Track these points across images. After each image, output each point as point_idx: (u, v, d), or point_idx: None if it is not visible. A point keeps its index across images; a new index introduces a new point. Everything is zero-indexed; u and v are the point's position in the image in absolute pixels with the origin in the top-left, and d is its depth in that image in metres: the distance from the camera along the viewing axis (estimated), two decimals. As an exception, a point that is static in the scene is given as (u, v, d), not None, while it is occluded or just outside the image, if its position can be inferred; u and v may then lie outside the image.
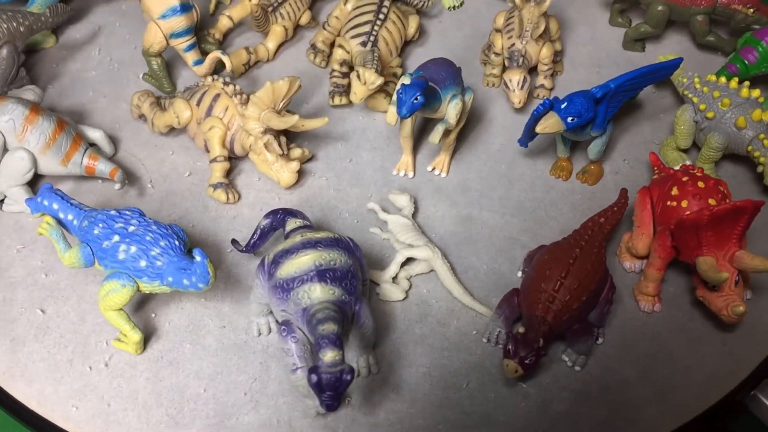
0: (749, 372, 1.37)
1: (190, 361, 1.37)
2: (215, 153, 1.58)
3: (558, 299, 1.29)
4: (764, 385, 1.36)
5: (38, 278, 1.47)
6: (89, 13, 1.98)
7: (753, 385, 1.36)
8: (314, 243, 1.27)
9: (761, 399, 1.35)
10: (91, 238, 1.31)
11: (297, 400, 1.32)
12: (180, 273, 1.27)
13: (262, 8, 1.81)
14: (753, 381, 1.36)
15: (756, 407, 1.37)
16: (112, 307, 1.31)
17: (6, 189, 1.53)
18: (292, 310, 1.24)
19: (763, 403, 1.35)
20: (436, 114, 1.52)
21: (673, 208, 1.41)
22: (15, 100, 1.50)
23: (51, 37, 1.89)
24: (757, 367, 1.37)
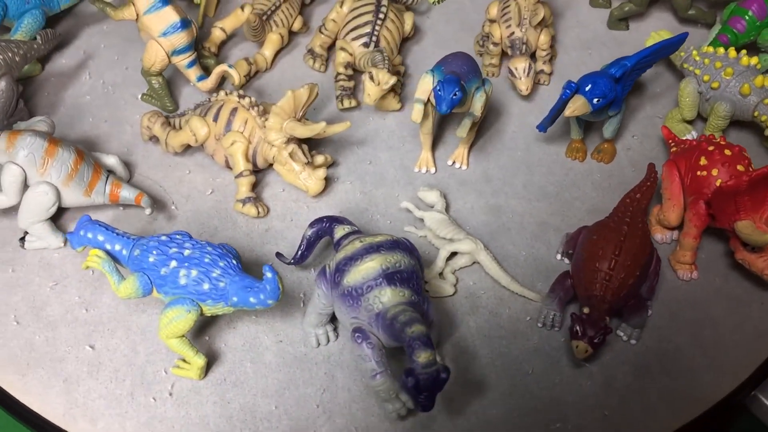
0: (750, 372, 1.37)
1: (254, 380, 1.35)
2: (240, 168, 1.56)
3: (614, 277, 1.33)
4: (764, 386, 1.36)
5: (79, 314, 1.43)
6: (72, 36, 1.92)
7: (753, 386, 1.36)
8: (376, 247, 1.27)
9: (761, 399, 1.36)
10: (147, 266, 1.28)
11: (371, 406, 1.32)
12: (245, 291, 1.25)
13: (258, 17, 1.79)
14: (753, 381, 1.36)
15: (756, 408, 1.37)
16: (176, 334, 1.28)
17: (29, 225, 1.48)
18: (364, 316, 1.24)
19: (764, 404, 1.36)
20: (462, 108, 1.53)
21: (703, 177, 1.46)
22: (32, 133, 1.45)
23: (37, 65, 1.83)
24: (758, 368, 1.38)
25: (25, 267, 1.49)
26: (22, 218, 1.46)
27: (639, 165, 1.69)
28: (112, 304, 1.44)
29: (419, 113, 1.55)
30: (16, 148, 1.42)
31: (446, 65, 1.52)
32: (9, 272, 1.48)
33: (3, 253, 1.51)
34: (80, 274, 1.48)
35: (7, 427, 1.40)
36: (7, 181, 1.43)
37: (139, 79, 1.82)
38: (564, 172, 1.68)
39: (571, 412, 1.33)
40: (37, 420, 1.30)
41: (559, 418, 1.32)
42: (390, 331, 1.20)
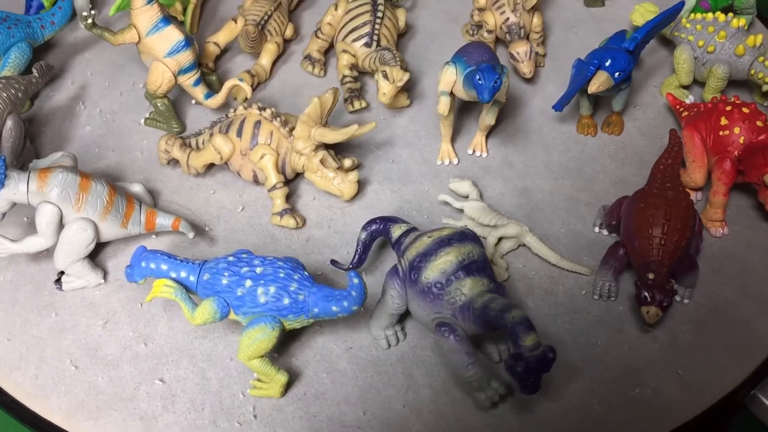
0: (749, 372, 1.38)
1: (334, 390, 1.34)
2: (273, 180, 1.53)
3: (668, 241, 1.37)
4: (764, 385, 1.36)
5: (138, 349, 1.38)
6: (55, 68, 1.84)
7: (753, 385, 1.36)
8: (448, 240, 1.28)
9: (761, 399, 1.36)
10: (221, 288, 1.25)
11: (457, 398, 1.33)
12: (327, 301, 1.24)
13: (256, 27, 1.76)
14: (753, 381, 1.36)
15: (755, 407, 1.37)
16: (260, 354, 1.26)
17: (67, 265, 1.42)
18: (447, 310, 1.25)
19: (763, 403, 1.36)
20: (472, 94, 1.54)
21: (726, 136, 1.53)
22: (62, 169, 1.39)
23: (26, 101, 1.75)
24: (758, 367, 1.38)
25: (69, 309, 1.43)
26: (60, 258, 1.40)
27: (648, 134, 1.75)
28: (170, 335, 1.40)
29: (446, 105, 1.56)
30: (49, 187, 1.37)
31: (467, 56, 1.54)
32: (53, 317, 1.42)
33: (40, 298, 1.45)
34: (128, 309, 1.43)
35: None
36: (43, 221, 1.37)
37: (136, 104, 1.78)
38: (579, 148, 1.72)
39: (646, 376, 1.36)
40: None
41: (637, 384, 1.35)
42: (481, 320, 1.21)
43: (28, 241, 1.39)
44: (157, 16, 1.59)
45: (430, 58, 1.89)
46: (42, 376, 1.35)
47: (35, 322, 1.41)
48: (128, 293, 1.45)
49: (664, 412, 1.32)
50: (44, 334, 1.40)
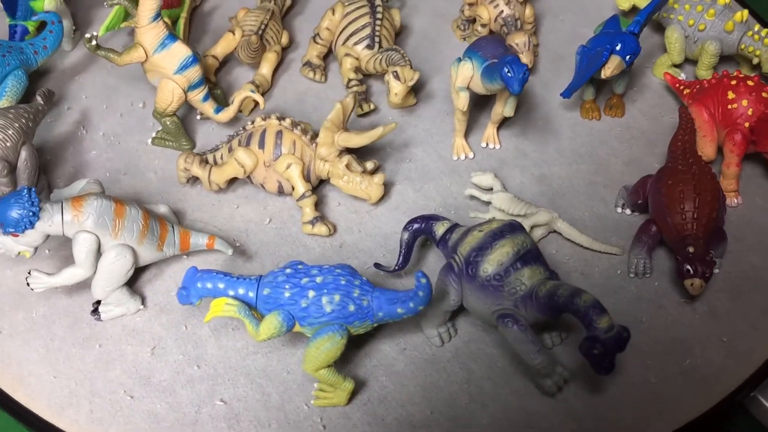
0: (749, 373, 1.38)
1: (397, 392, 1.34)
2: (301, 190, 1.52)
3: (701, 214, 1.42)
4: (764, 387, 1.37)
5: (191, 372, 1.36)
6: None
7: (752, 387, 1.37)
8: (500, 232, 1.30)
9: (761, 400, 1.37)
10: (284, 302, 1.24)
11: (519, 387, 1.34)
12: (391, 304, 1.25)
13: (258, 37, 1.75)
14: (753, 382, 1.37)
15: (755, 408, 1.39)
16: (328, 363, 1.25)
17: (106, 294, 1.38)
18: (509, 301, 1.27)
19: (762, 404, 1.37)
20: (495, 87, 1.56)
21: (734, 109, 1.59)
22: (96, 196, 1.36)
23: (24, 129, 1.69)
24: (758, 369, 1.38)
25: (112, 339, 1.39)
26: (99, 287, 1.37)
27: (649, 113, 1.80)
28: (221, 355, 1.38)
29: (466, 101, 1.57)
30: (85, 215, 1.33)
31: (482, 50, 1.55)
32: (96, 348, 1.38)
33: (79, 331, 1.40)
34: (173, 333, 1.40)
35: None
36: (82, 251, 1.33)
37: (138, 124, 1.74)
38: (587, 132, 1.76)
39: (693, 346, 1.41)
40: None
41: (686, 355, 1.40)
42: (547, 308, 1.23)
43: (67, 272, 1.35)
44: (164, 33, 1.56)
45: (423, 56, 1.90)
46: (97, 410, 1.31)
47: (79, 356, 1.37)
48: (170, 317, 1.42)
49: (715, 379, 1.37)
50: (90, 366, 1.36)
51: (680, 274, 1.39)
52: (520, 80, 1.42)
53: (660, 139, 1.74)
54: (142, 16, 1.54)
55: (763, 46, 1.74)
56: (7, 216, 1.28)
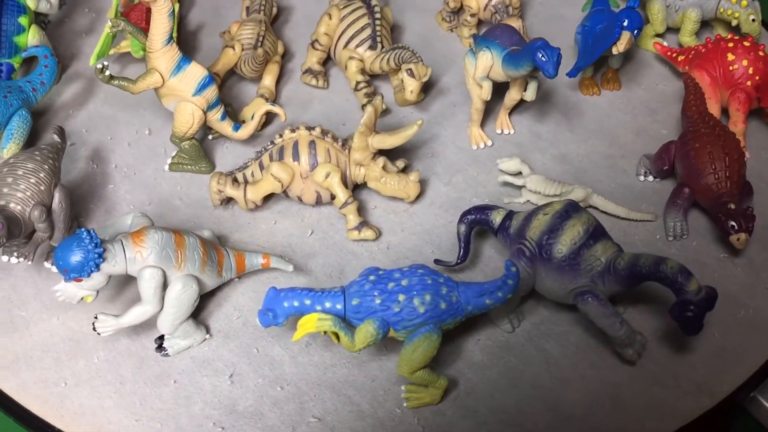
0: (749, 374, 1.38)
1: (482, 382, 1.36)
2: (343, 197, 1.52)
3: (732, 171, 1.50)
4: (764, 387, 1.37)
5: (275, 394, 1.34)
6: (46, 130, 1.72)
7: (752, 387, 1.37)
8: (565, 213, 1.33)
9: (760, 400, 1.37)
10: (376, 308, 1.24)
11: (595, 361, 1.38)
12: (479, 296, 1.26)
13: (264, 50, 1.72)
14: (752, 383, 1.37)
15: (755, 409, 1.38)
16: (424, 363, 1.26)
17: (175, 328, 1.34)
18: (585, 278, 1.30)
19: (762, 405, 1.36)
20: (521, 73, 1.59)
21: (736, 70, 1.67)
22: (155, 229, 1.32)
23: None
24: (757, 370, 1.38)
25: (185, 373, 1.36)
26: (168, 322, 1.33)
27: (643, 83, 1.88)
28: (300, 372, 1.36)
29: (490, 90, 1.60)
30: (147, 250, 1.29)
31: (499, 39, 1.58)
32: (172, 385, 1.34)
33: (149, 370, 1.36)
34: (246, 357, 1.38)
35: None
36: (150, 288, 1.29)
37: (149, 152, 1.70)
38: (591, 108, 1.82)
39: (742, 298, 1.48)
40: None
41: (738, 306, 1.46)
42: (628, 279, 1.27)
43: (134, 311, 1.31)
44: (178, 55, 1.52)
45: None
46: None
47: (155, 395, 1.33)
48: (237, 342, 1.40)
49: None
50: (171, 404, 1.32)
51: (725, 231, 1.46)
52: (554, 63, 1.45)
53: (660, 107, 1.81)
54: (154, 40, 1.49)
55: (740, 8, 1.84)
56: (71, 262, 1.23)
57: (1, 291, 1.46)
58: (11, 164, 1.39)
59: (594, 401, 1.33)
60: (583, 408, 1.33)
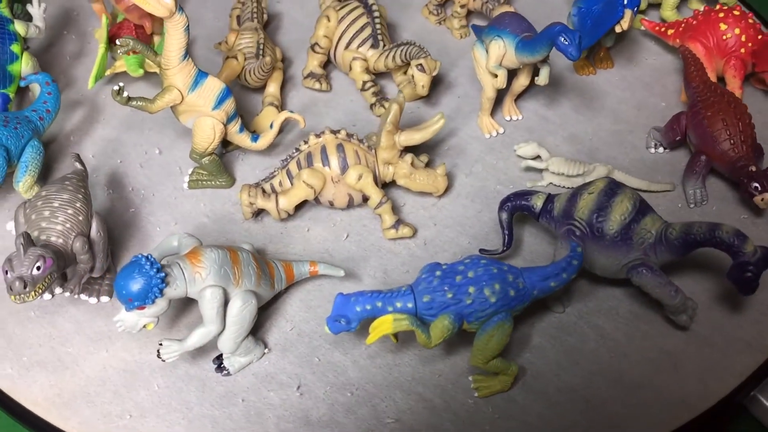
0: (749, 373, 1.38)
1: (545, 364, 1.38)
2: (376, 198, 1.52)
3: (746, 135, 1.56)
4: (764, 387, 1.37)
5: (346, 401, 1.33)
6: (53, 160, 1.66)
7: (752, 386, 1.36)
8: (610, 190, 1.37)
9: (761, 400, 1.37)
10: (448, 303, 1.24)
11: (646, 331, 1.42)
12: (544, 280, 1.29)
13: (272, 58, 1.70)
14: (752, 382, 1.37)
15: (755, 408, 1.38)
16: (498, 352, 1.27)
17: (237, 345, 1.32)
18: (638, 252, 1.34)
19: (763, 404, 1.36)
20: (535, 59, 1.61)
21: (729, 39, 1.74)
22: (210, 248, 1.29)
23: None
24: (758, 368, 1.38)
25: (251, 390, 1.34)
26: (230, 341, 1.30)
27: (634, 59, 1.93)
28: (365, 376, 1.36)
29: (505, 77, 1.62)
30: (206, 270, 1.26)
31: (509, 26, 1.60)
32: (240, 404, 1.32)
33: (213, 391, 1.34)
34: (308, 368, 1.37)
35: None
36: (212, 308, 1.26)
37: (163, 171, 1.66)
38: (589, 88, 1.86)
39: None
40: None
41: (767, 264, 1.53)
42: (683, 247, 1.31)
43: (198, 333, 1.28)
44: (194, 70, 1.49)
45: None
46: (274, 463, 1.26)
47: (225, 416, 1.31)
48: (296, 353, 1.39)
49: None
50: (243, 423, 1.30)
51: (748, 193, 1.52)
52: (577, 46, 1.48)
53: (654, 81, 1.87)
54: (171, 56, 1.46)
55: (719, -23, 1.91)
56: (134, 290, 1.19)
57: (41, 329, 1.41)
58: (44, 197, 1.34)
59: (654, 369, 1.37)
60: (644, 376, 1.36)
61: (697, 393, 1.34)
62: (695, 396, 1.34)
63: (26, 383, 1.35)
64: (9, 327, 1.42)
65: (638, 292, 1.44)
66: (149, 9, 1.39)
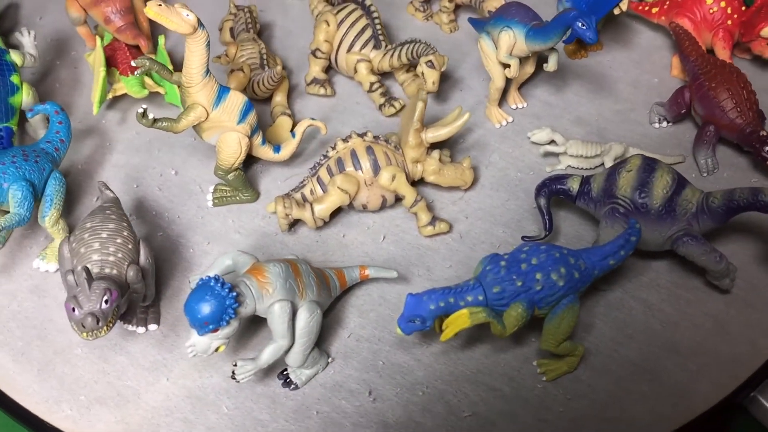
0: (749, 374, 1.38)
1: (600, 340, 1.41)
2: (411, 196, 1.52)
3: (750, 101, 1.63)
4: (764, 387, 1.37)
5: (418, 400, 1.34)
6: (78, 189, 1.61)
7: (753, 387, 1.37)
8: (648, 166, 1.41)
9: (761, 400, 1.36)
10: (519, 291, 1.26)
11: (689, 299, 1.46)
12: (603, 259, 1.32)
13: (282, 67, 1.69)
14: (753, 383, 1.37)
15: (755, 409, 1.37)
16: (569, 333, 1.30)
17: (305, 358, 1.31)
18: (682, 222, 1.39)
19: (762, 405, 1.36)
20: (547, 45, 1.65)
21: (715, 12, 1.81)
22: (272, 263, 1.28)
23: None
24: (758, 369, 1.39)
25: (322, 401, 1.34)
26: (300, 354, 1.29)
27: (621, 39, 1.98)
28: (432, 374, 1.37)
29: (518, 66, 1.65)
30: (272, 285, 1.25)
31: (517, 16, 1.62)
32: (314, 416, 1.32)
33: (283, 407, 1.33)
34: (374, 372, 1.37)
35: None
36: (283, 322, 1.25)
37: (183, 192, 1.64)
38: (585, 71, 1.91)
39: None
40: None
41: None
42: (725, 214, 1.37)
43: (270, 350, 1.26)
44: (216, 85, 1.47)
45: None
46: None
47: (302, 430, 1.30)
48: (359, 358, 1.39)
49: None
50: (322, 436, 1.29)
51: (761, 157, 1.59)
52: (594, 29, 1.52)
53: (642, 59, 1.93)
54: (193, 73, 1.43)
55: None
56: (208, 313, 1.17)
57: (92, 365, 1.37)
58: (90, 229, 1.30)
59: (703, 333, 1.42)
60: (696, 341, 1.41)
61: (747, 352, 1.40)
62: (746, 355, 1.39)
63: (89, 422, 1.31)
64: (57, 368, 1.37)
65: (674, 263, 1.49)
66: (172, 27, 1.36)
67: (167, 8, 1.35)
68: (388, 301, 1.46)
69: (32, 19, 2.01)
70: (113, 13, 1.73)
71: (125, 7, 1.74)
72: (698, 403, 1.34)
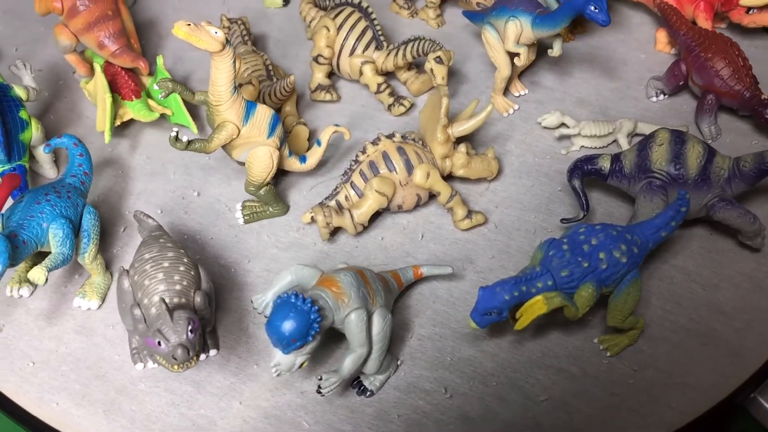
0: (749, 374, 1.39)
1: (650, 311, 1.46)
2: (447, 192, 1.54)
3: (746, 68, 1.70)
4: (764, 388, 1.38)
5: (495, 392, 1.36)
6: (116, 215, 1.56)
7: (753, 388, 1.38)
8: (678, 138, 1.47)
9: (760, 401, 1.37)
10: (587, 272, 1.29)
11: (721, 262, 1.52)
12: (655, 232, 1.37)
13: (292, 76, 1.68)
14: (753, 383, 1.38)
15: (755, 409, 1.39)
16: (634, 307, 1.34)
17: (381, 364, 1.31)
18: (717, 188, 1.45)
19: (762, 405, 1.37)
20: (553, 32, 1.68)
21: (700, -17, 1.89)
22: (343, 273, 1.28)
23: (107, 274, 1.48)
24: (758, 370, 1.39)
25: (399, 405, 1.34)
26: (376, 360, 1.29)
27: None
28: (500, 364, 1.39)
29: (527, 54, 1.68)
30: (348, 295, 1.25)
31: (521, 5, 1.65)
32: (396, 420, 1.32)
33: (364, 415, 1.32)
34: (444, 369, 1.38)
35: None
36: (361, 330, 1.25)
37: (211, 212, 1.61)
38: (574, 53, 1.95)
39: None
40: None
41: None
42: (757, 176, 1.44)
43: (350, 360, 1.26)
44: (244, 101, 1.45)
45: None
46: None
47: (388, 435, 1.30)
48: (425, 357, 1.40)
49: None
50: (411, 439, 1.30)
51: (764, 119, 1.66)
52: (606, 12, 1.56)
53: (627, 37, 1.99)
54: (221, 91, 1.41)
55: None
56: (294, 331, 1.16)
57: (159, 398, 1.33)
58: (149, 260, 1.27)
59: (742, 292, 1.49)
60: (739, 300, 1.47)
61: (787, 305, 1.47)
62: (787, 308, 1.46)
63: (168, 456, 1.27)
64: (124, 405, 1.33)
65: (698, 229, 1.55)
66: (202, 45, 1.34)
67: (196, 27, 1.32)
68: (440, 297, 1.47)
69: (8, 51, 1.93)
70: (107, 38, 1.68)
71: (118, 30, 1.69)
72: (752, 360, 1.40)
